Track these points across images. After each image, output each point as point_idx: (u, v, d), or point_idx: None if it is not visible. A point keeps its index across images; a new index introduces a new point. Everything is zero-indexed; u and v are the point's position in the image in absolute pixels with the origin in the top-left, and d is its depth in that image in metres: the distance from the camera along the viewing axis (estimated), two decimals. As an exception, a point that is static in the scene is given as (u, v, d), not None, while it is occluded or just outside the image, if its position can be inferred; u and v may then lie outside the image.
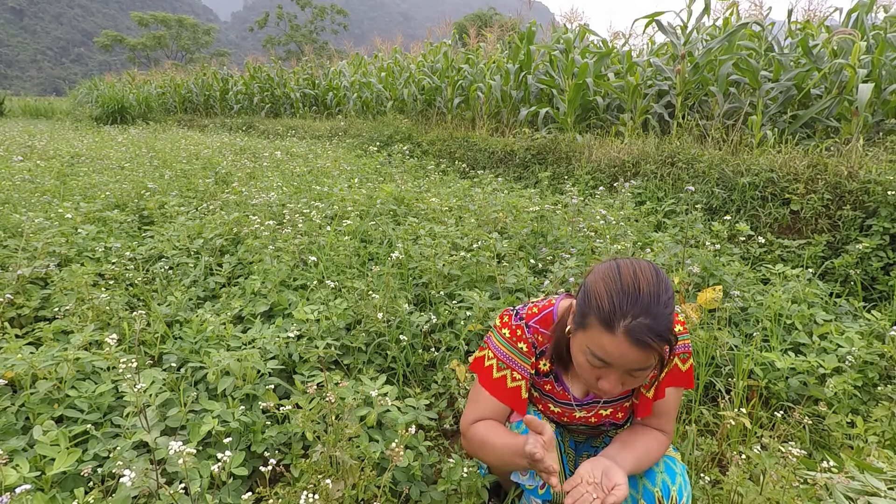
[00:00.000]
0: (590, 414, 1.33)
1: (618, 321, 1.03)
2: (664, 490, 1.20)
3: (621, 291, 1.04)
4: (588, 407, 1.33)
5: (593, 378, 1.14)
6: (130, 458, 1.39)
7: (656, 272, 1.07)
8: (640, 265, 1.07)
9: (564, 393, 1.33)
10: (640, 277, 1.05)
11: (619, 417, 1.34)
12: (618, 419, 1.34)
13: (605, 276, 1.08)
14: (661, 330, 1.02)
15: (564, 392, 1.33)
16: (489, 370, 1.32)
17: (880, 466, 1.34)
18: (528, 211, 3.40)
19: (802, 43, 4.83)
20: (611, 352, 1.05)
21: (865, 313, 2.35)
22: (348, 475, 1.39)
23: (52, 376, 1.67)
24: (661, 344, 1.03)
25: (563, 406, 1.34)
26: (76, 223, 3.27)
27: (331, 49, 35.36)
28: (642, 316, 1.02)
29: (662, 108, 5.86)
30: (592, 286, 1.09)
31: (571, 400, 1.32)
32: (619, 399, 1.31)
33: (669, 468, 1.26)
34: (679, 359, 1.25)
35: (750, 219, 3.82)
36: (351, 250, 2.91)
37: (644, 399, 1.26)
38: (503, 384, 1.30)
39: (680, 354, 1.25)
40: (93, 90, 17.66)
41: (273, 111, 13.26)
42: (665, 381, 1.24)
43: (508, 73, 7.39)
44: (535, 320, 1.30)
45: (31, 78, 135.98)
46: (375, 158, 6.43)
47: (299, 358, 1.97)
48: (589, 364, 1.11)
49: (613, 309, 1.03)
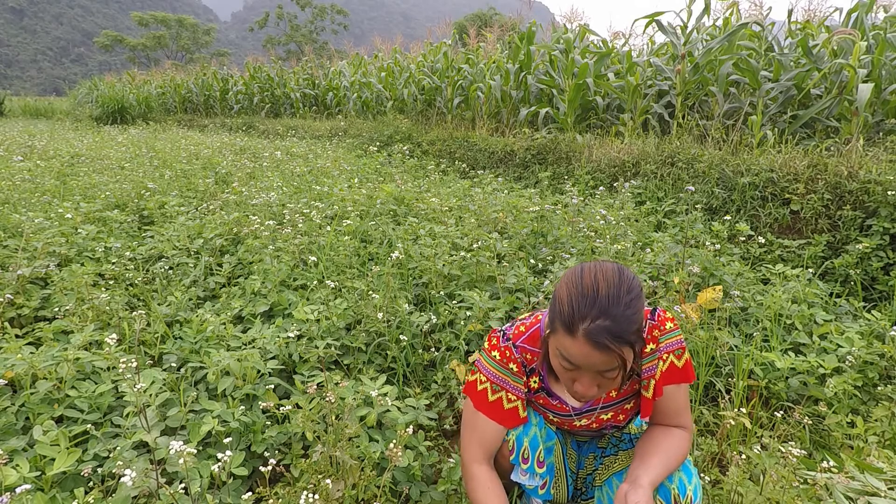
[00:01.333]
0: (590, 421, 1.33)
1: (577, 324, 1.04)
2: (681, 488, 1.20)
3: (581, 295, 1.05)
4: (587, 414, 1.32)
5: (569, 381, 1.15)
6: (130, 458, 1.39)
7: (620, 273, 1.08)
8: (603, 268, 1.09)
9: (561, 405, 1.33)
10: (599, 280, 1.06)
11: (621, 420, 1.33)
12: (619, 422, 1.33)
13: (569, 280, 1.10)
14: (620, 331, 1.03)
15: (561, 404, 1.33)
16: (483, 394, 1.31)
17: (880, 466, 1.34)
18: (528, 211, 3.40)
19: (802, 43, 4.83)
20: (574, 354, 1.07)
21: (865, 313, 2.35)
22: (348, 475, 1.39)
23: (52, 376, 1.67)
24: (619, 345, 1.03)
25: (561, 417, 1.34)
26: (76, 223, 3.27)
27: (331, 49, 35.39)
28: (601, 318, 1.03)
29: (662, 108, 5.86)
30: (558, 291, 1.11)
31: (570, 411, 1.32)
32: (619, 402, 1.31)
33: (686, 468, 1.25)
34: (673, 355, 1.24)
35: (750, 219, 3.82)
36: (351, 250, 2.91)
37: (644, 399, 1.26)
38: (500, 406, 1.30)
39: (674, 351, 1.24)
40: (93, 90, 17.66)
41: (273, 111, 13.27)
42: (661, 380, 1.24)
43: (508, 73, 7.39)
44: (522, 339, 1.30)
45: (31, 78, 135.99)
46: (375, 158, 6.43)
47: (299, 358, 1.97)
48: (562, 367, 1.13)
49: (573, 312, 1.05)
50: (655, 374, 1.23)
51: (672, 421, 1.28)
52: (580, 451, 1.50)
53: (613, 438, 1.46)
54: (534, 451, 1.35)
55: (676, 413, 1.28)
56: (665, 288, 2.43)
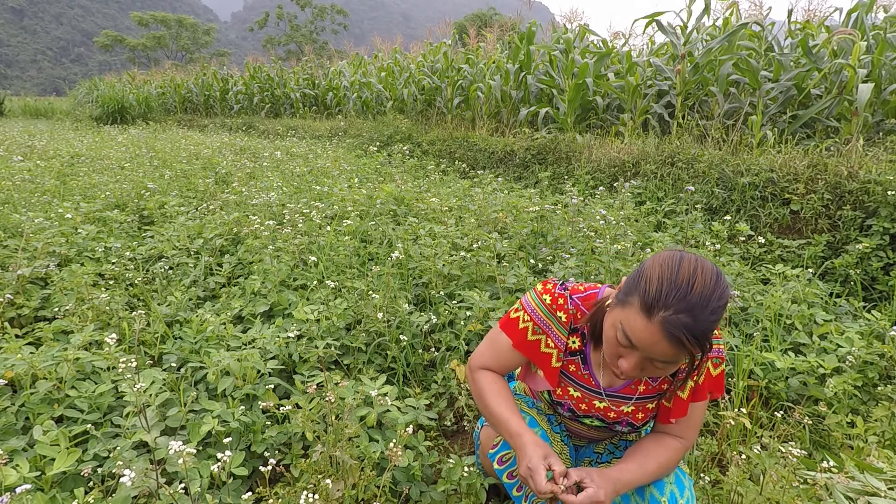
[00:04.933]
0: (611, 407, 1.30)
1: (658, 310, 1.00)
2: (672, 501, 1.18)
3: (673, 283, 1.00)
4: (612, 399, 1.29)
5: (615, 356, 1.12)
6: (130, 458, 1.39)
7: (717, 277, 1.03)
8: (704, 266, 1.03)
9: (589, 378, 1.29)
10: (697, 275, 1.01)
11: (639, 418, 1.30)
12: (637, 419, 1.30)
13: (665, 262, 1.04)
14: (699, 332, 1.00)
15: (590, 377, 1.29)
16: (524, 332, 1.29)
17: (880, 466, 1.34)
18: (528, 211, 3.41)
19: (802, 43, 4.83)
20: (641, 337, 1.04)
21: (865, 313, 2.35)
22: (348, 475, 1.39)
23: (52, 376, 1.67)
24: (693, 344, 1.01)
25: (584, 391, 1.31)
26: (76, 223, 3.27)
27: (331, 49, 35.38)
28: (684, 313, 0.99)
29: (662, 108, 5.86)
30: (648, 268, 1.06)
31: (599, 388, 1.29)
32: (645, 398, 1.28)
33: (679, 480, 1.23)
34: (711, 363, 1.22)
35: (750, 219, 3.82)
36: (351, 250, 2.91)
37: (678, 401, 1.23)
38: (537, 347, 1.29)
39: (713, 359, 1.22)
40: (93, 90, 17.63)
41: (273, 111, 13.27)
42: (702, 385, 1.22)
43: (508, 73, 7.39)
44: (578, 296, 1.28)
45: (31, 78, 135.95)
46: (375, 158, 6.43)
47: (299, 358, 1.97)
48: (616, 340, 1.09)
49: (659, 296, 1.01)
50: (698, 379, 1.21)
51: (677, 429, 1.26)
52: (577, 455, 1.48)
53: (611, 445, 1.44)
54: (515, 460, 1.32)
55: (687, 426, 1.26)
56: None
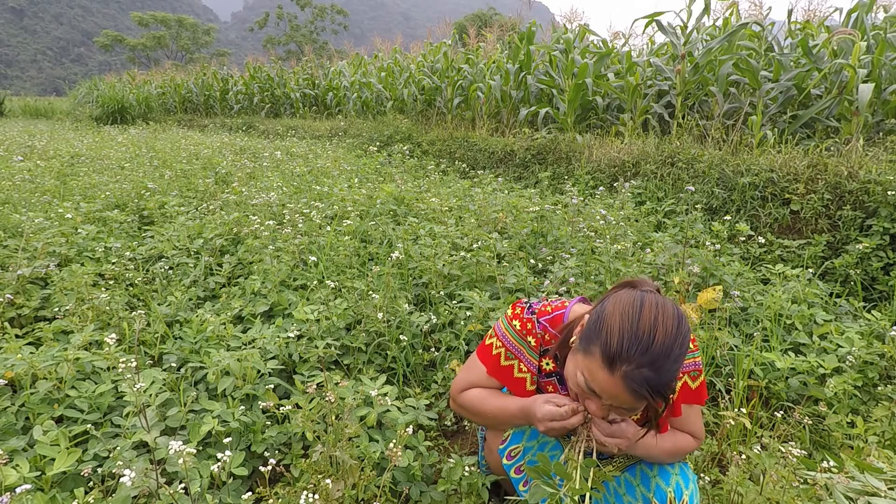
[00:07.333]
0: None
1: (620, 363, 0.99)
2: (677, 492, 1.20)
3: (634, 336, 0.99)
4: None
5: (582, 396, 1.14)
6: (130, 458, 1.39)
7: (679, 323, 1.01)
8: (665, 311, 1.01)
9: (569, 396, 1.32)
10: (658, 325, 0.99)
11: None
12: None
13: (625, 311, 1.02)
14: (661, 385, 0.99)
15: (568, 397, 1.32)
16: (496, 358, 1.34)
17: (880, 466, 1.34)
18: (528, 211, 3.41)
19: (802, 43, 4.83)
20: (603, 388, 1.03)
21: (865, 313, 2.35)
22: (348, 475, 1.39)
23: (52, 376, 1.67)
24: (655, 398, 1.00)
25: None
26: (76, 223, 3.27)
27: (331, 49, 35.40)
28: (647, 367, 0.98)
29: (662, 108, 5.86)
30: (608, 317, 1.03)
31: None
32: None
33: (684, 473, 1.25)
34: (689, 376, 1.25)
35: (750, 219, 3.82)
36: (351, 250, 2.91)
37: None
38: (510, 373, 1.33)
39: (690, 372, 1.24)
40: (93, 90, 17.62)
41: (273, 111, 13.26)
42: (677, 400, 1.24)
43: (508, 74, 7.39)
44: (545, 318, 1.30)
45: (31, 78, 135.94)
46: (375, 158, 6.43)
47: (299, 358, 1.97)
48: (580, 387, 1.10)
49: (620, 350, 0.99)
50: None
51: (684, 430, 1.31)
52: None
53: None
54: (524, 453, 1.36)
55: (690, 430, 1.30)
56: (665, 288, 2.43)
